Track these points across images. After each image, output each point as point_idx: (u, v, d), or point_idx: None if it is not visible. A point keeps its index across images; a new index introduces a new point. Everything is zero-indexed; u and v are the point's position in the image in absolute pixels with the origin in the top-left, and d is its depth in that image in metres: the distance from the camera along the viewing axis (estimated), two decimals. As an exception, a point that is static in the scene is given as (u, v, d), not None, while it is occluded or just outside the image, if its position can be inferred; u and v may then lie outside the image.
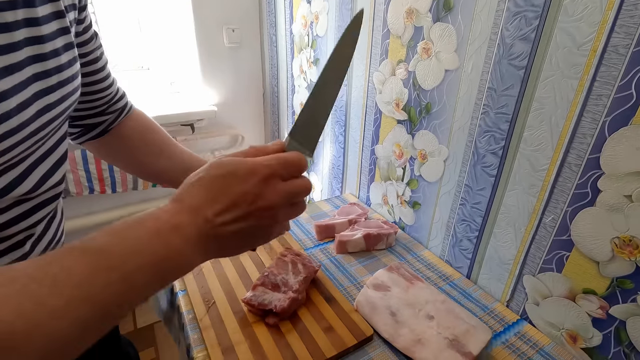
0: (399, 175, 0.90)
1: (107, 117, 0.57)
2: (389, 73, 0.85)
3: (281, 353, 0.55)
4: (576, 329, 0.59)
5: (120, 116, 0.59)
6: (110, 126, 0.58)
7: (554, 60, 0.54)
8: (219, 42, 1.36)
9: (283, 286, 0.63)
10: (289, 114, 1.38)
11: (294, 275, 0.65)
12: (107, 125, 0.58)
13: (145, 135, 0.61)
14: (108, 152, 0.62)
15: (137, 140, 0.60)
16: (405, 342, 0.57)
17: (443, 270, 0.78)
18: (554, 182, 0.57)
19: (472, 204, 0.72)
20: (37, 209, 0.40)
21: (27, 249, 0.40)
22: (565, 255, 0.58)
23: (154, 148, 0.60)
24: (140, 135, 0.60)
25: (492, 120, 0.65)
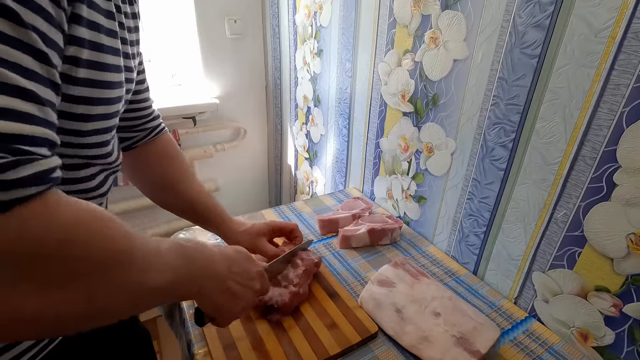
0: (404, 169, 0.88)
1: (137, 133, 0.59)
2: (394, 64, 0.83)
3: (283, 350, 0.54)
4: (587, 327, 0.57)
5: (149, 135, 0.61)
6: (136, 143, 0.60)
7: (569, 49, 0.51)
8: (220, 34, 1.33)
9: (283, 280, 0.61)
10: (291, 106, 1.36)
11: (293, 269, 0.63)
12: (134, 141, 0.60)
13: (163, 163, 0.63)
14: (126, 167, 0.63)
15: (153, 166, 0.62)
16: (411, 339, 0.56)
17: (449, 266, 0.76)
18: (566, 175, 0.55)
19: (480, 199, 0.70)
20: (109, 176, 0.48)
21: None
22: (577, 251, 0.56)
23: (165, 178, 0.63)
24: (159, 161, 0.63)
25: (503, 112, 0.62)
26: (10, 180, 0.23)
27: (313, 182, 1.34)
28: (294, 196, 1.52)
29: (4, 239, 0.23)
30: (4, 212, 0.23)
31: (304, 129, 1.30)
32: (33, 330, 0.27)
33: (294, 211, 0.94)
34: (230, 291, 0.43)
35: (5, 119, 0.24)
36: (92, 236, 0.27)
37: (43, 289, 0.25)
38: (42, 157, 0.25)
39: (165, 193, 0.63)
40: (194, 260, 0.39)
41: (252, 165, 1.64)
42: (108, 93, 0.39)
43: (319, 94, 1.16)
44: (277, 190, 1.66)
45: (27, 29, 0.26)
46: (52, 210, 0.25)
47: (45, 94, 0.27)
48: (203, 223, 0.66)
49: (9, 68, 0.24)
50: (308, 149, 1.31)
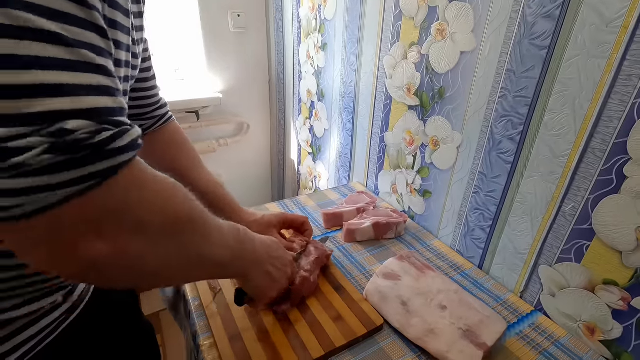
0: (409, 163, 0.87)
1: (145, 122, 0.59)
2: (400, 57, 0.82)
3: (289, 342, 0.54)
4: (594, 321, 0.57)
5: (156, 124, 0.61)
6: (144, 132, 0.60)
7: (579, 39, 0.51)
8: (224, 27, 1.33)
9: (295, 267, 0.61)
10: (295, 101, 1.35)
11: (306, 257, 0.64)
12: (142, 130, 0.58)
13: (171, 151, 0.63)
14: None
15: (161, 154, 0.62)
16: (417, 332, 0.56)
17: (454, 260, 0.76)
18: (575, 168, 0.55)
19: (486, 192, 0.70)
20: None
21: None
22: (585, 244, 0.56)
23: (174, 166, 0.63)
24: (167, 150, 0.63)
25: (510, 104, 0.62)
26: (118, 148, 0.27)
27: (316, 177, 1.33)
28: (297, 191, 1.52)
29: (115, 197, 0.27)
30: (114, 174, 0.27)
31: (308, 124, 1.30)
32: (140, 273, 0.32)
33: (298, 205, 0.94)
34: (270, 275, 0.48)
35: (97, 94, 0.26)
36: (170, 200, 0.32)
37: (139, 237, 0.30)
38: (131, 127, 0.29)
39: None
40: (244, 244, 0.44)
41: (255, 160, 1.64)
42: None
43: (322, 88, 1.16)
44: (280, 185, 1.66)
45: (92, 10, 0.27)
46: (142, 174, 0.30)
47: (111, 66, 0.29)
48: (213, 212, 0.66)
49: (87, 48, 0.26)
50: (311, 144, 1.31)
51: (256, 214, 0.67)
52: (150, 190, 0.30)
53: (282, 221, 0.68)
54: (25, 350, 0.40)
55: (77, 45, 0.26)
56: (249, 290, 0.49)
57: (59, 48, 0.24)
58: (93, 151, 0.25)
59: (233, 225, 0.42)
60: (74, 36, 0.26)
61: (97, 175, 0.26)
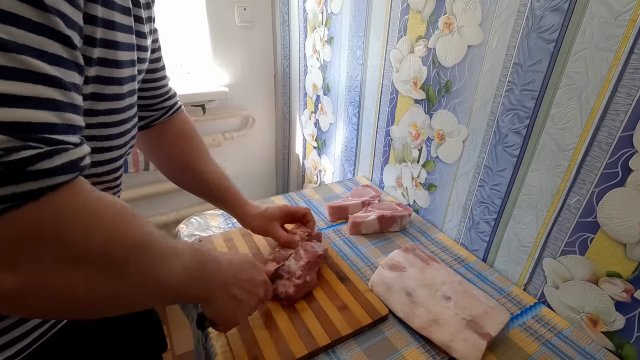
0: (415, 156, 0.88)
1: (154, 113, 0.59)
2: (407, 50, 0.83)
3: (296, 330, 0.55)
4: (597, 313, 0.57)
5: (166, 114, 0.61)
6: (153, 122, 0.60)
7: (587, 32, 0.51)
8: (230, 21, 1.33)
9: (285, 273, 0.60)
10: (300, 95, 1.35)
11: (296, 261, 0.62)
12: (151, 120, 0.60)
13: (180, 143, 0.63)
14: (143, 146, 0.64)
15: (170, 145, 0.63)
16: (422, 322, 0.56)
17: (458, 253, 0.77)
18: (581, 161, 0.55)
19: (492, 186, 0.70)
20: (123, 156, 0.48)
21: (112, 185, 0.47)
22: (589, 237, 0.56)
23: (182, 158, 0.63)
24: (175, 141, 0.63)
25: (517, 98, 0.62)
26: (44, 169, 0.24)
27: (321, 171, 1.34)
28: (301, 185, 1.53)
29: (34, 224, 0.24)
30: (36, 199, 0.23)
31: (313, 118, 1.30)
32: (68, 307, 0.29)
33: (303, 198, 0.95)
34: (236, 298, 0.44)
35: (32, 107, 0.24)
36: (113, 227, 0.28)
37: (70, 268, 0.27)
38: (73, 146, 0.26)
39: (181, 172, 0.64)
40: (206, 265, 0.40)
41: (260, 154, 1.64)
42: (118, 72, 0.38)
43: (328, 82, 1.16)
44: (285, 179, 1.67)
45: (50, 13, 0.25)
46: (79, 198, 0.26)
47: (70, 78, 0.27)
48: (218, 204, 0.67)
49: (33, 55, 0.24)
50: (317, 138, 1.31)
51: (260, 207, 0.67)
52: (92, 217, 0.27)
53: (284, 214, 0.69)
54: (33, 338, 0.40)
55: (16, 50, 0.23)
56: (211, 315, 0.44)
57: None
58: (6, 170, 0.22)
59: (192, 247, 0.39)
60: (15, 39, 0.23)
61: (8, 199, 0.22)
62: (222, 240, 0.74)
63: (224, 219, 0.83)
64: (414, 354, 0.54)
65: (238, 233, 0.76)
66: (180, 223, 0.81)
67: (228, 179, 0.66)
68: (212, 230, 0.79)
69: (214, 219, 0.83)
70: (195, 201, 1.54)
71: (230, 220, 0.83)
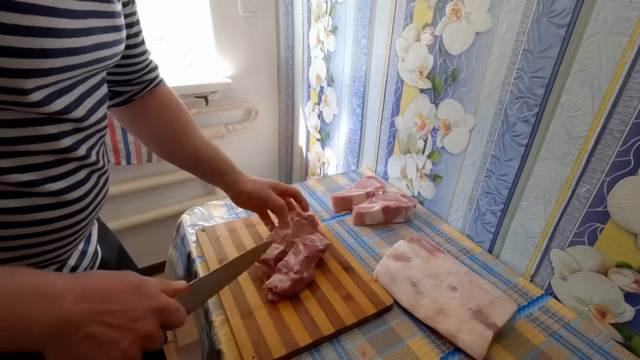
0: (420, 147, 0.87)
1: (133, 87, 0.57)
2: (413, 39, 0.81)
3: (300, 319, 0.55)
4: (606, 304, 0.57)
5: (146, 88, 0.58)
6: (134, 96, 0.58)
7: (601, 16, 0.49)
8: (233, 11, 1.32)
9: (284, 268, 0.59)
10: (304, 86, 1.34)
11: (295, 256, 0.61)
12: (131, 95, 0.58)
13: (164, 114, 0.61)
14: (127, 122, 0.62)
15: (154, 118, 0.60)
16: (427, 312, 0.56)
17: (463, 244, 0.76)
18: (592, 150, 0.54)
19: (499, 176, 0.69)
20: (87, 139, 0.42)
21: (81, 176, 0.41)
22: (599, 227, 0.55)
23: (167, 128, 0.61)
24: (159, 114, 0.60)
25: (526, 85, 0.61)
26: None
27: (324, 163, 1.33)
28: (304, 177, 1.52)
29: None
30: None
31: (316, 109, 1.29)
32: None
33: (307, 189, 0.94)
34: (94, 339, 0.32)
35: None
36: None
37: None
38: None
39: (170, 145, 0.62)
40: (21, 297, 0.29)
41: (262, 146, 1.64)
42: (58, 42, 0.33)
43: (332, 73, 1.14)
44: (288, 171, 1.66)
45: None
46: None
47: None
48: (210, 174, 0.65)
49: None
50: (320, 130, 1.30)
51: (253, 177, 0.67)
52: None
53: (277, 187, 0.68)
54: None
55: None
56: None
57: None
58: None
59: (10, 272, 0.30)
60: None
61: None
62: (225, 230, 0.73)
63: (227, 210, 0.83)
64: (419, 343, 0.54)
65: (241, 223, 0.76)
66: (184, 213, 0.81)
67: (218, 149, 0.65)
68: (215, 220, 0.79)
69: (217, 209, 0.83)
70: (198, 193, 1.54)
71: (233, 211, 0.82)
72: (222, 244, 0.69)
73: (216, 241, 0.70)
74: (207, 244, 0.70)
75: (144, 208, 1.41)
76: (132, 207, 1.38)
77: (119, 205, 1.35)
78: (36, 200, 0.37)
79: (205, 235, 0.72)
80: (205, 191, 1.55)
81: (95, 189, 0.44)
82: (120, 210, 1.36)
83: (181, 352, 1.31)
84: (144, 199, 1.40)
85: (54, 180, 0.38)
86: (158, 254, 1.46)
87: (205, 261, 0.66)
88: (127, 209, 1.37)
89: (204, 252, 0.68)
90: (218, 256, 0.66)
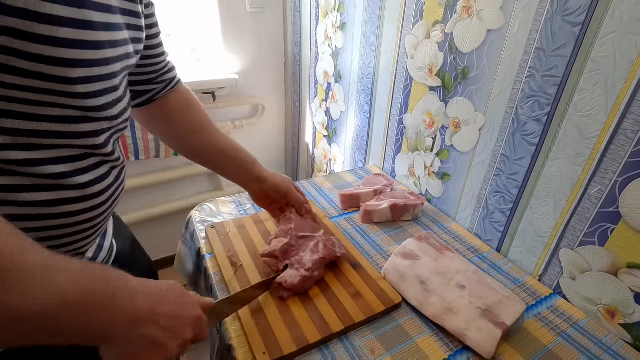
0: (429, 145, 0.87)
1: (155, 86, 0.59)
2: (422, 36, 0.81)
3: (310, 316, 0.55)
4: (615, 305, 0.56)
5: (167, 88, 0.60)
6: (155, 96, 0.60)
7: (617, 14, 0.49)
8: (240, 7, 1.31)
9: (297, 263, 0.60)
10: (311, 83, 1.34)
11: (311, 253, 0.62)
12: (153, 94, 0.60)
13: (186, 111, 0.63)
14: (149, 122, 0.64)
15: (176, 115, 0.62)
16: (435, 310, 0.56)
17: (471, 243, 0.76)
18: (604, 150, 0.54)
19: (508, 175, 0.69)
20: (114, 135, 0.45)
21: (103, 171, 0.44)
22: (610, 228, 0.55)
23: (190, 125, 0.63)
24: (181, 111, 0.62)
25: (538, 84, 0.60)
26: None
27: (331, 160, 1.33)
28: (311, 174, 1.52)
29: None
30: None
31: (324, 106, 1.29)
32: None
33: (315, 186, 0.94)
34: (150, 340, 0.34)
35: None
36: None
37: None
38: None
39: (194, 138, 0.63)
40: (99, 289, 0.30)
41: (269, 142, 1.64)
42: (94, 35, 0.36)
43: (340, 70, 1.14)
44: (295, 168, 1.67)
45: None
46: None
47: None
48: (234, 168, 0.66)
49: None
50: (327, 126, 1.30)
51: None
52: None
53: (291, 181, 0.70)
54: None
55: None
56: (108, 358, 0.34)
57: None
58: None
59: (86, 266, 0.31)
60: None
61: None
62: (235, 227, 0.74)
63: (236, 206, 0.83)
64: (428, 341, 0.54)
65: (250, 220, 0.76)
66: (193, 209, 0.82)
67: (238, 143, 0.67)
68: (224, 216, 0.79)
69: (226, 206, 0.83)
70: (205, 188, 1.55)
71: (242, 207, 0.83)
72: (232, 241, 0.70)
73: (225, 237, 0.71)
74: (217, 240, 0.70)
75: (152, 203, 1.42)
76: (141, 202, 1.40)
77: (127, 200, 1.36)
78: (64, 193, 0.38)
79: (215, 232, 0.72)
80: (212, 187, 1.56)
81: (116, 183, 0.46)
82: (128, 205, 1.37)
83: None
84: (152, 194, 1.41)
85: (81, 173, 0.40)
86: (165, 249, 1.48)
87: (215, 257, 0.67)
88: (135, 204, 1.39)
89: (213, 249, 0.68)
90: (227, 253, 0.67)
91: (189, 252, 0.78)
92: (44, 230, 0.38)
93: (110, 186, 0.44)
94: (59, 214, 0.39)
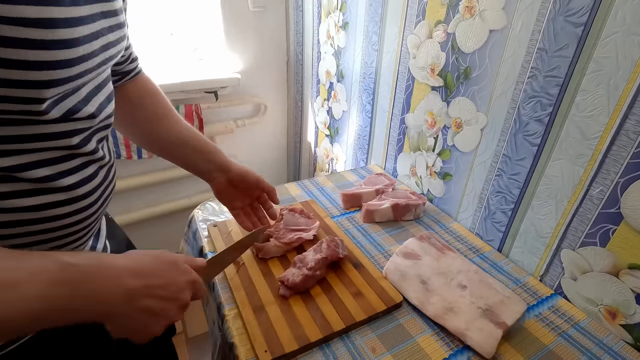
0: (430, 145, 0.87)
1: (116, 77, 0.56)
2: (425, 36, 0.81)
3: (311, 315, 0.56)
4: (617, 305, 0.57)
5: (124, 78, 0.57)
6: (115, 84, 0.56)
7: (619, 15, 0.49)
8: (243, 6, 1.31)
9: (299, 262, 0.61)
10: (313, 82, 1.34)
11: (314, 253, 0.62)
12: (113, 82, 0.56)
13: (144, 100, 0.60)
14: None
15: (134, 104, 0.59)
16: (436, 309, 0.56)
17: (473, 243, 0.76)
18: (606, 150, 0.54)
19: (510, 175, 0.69)
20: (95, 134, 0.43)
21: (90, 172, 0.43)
22: (611, 229, 0.55)
23: (150, 114, 0.60)
24: (139, 100, 0.59)
25: (540, 85, 0.60)
26: None
27: (333, 160, 1.33)
28: (312, 173, 1.53)
29: None
30: None
31: (326, 105, 1.29)
32: None
33: (316, 185, 0.94)
34: (149, 310, 0.36)
35: None
36: None
37: None
38: None
39: (152, 128, 0.60)
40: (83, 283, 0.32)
41: (271, 142, 1.64)
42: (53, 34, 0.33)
43: (342, 69, 1.14)
44: (296, 167, 1.67)
45: None
46: None
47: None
48: (196, 157, 0.63)
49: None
50: (329, 126, 1.30)
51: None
52: None
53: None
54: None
55: None
56: (115, 333, 0.37)
57: None
58: None
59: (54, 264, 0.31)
60: None
61: None
62: (236, 226, 0.74)
63: (238, 205, 0.83)
64: (428, 341, 0.54)
65: (252, 219, 0.76)
66: (195, 208, 0.82)
67: (200, 133, 0.64)
68: (226, 215, 0.80)
69: (228, 205, 0.83)
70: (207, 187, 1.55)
71: (244, 206, 0.83)
72: (234, 239, 0.70)
73: (227, 236, 0.71)
74: (219, 238, 0.71)
75: (155, 201, 1.43)
76: (143, 201, 1.40)
77: (130, 198, 1.37)
78: (50, 197, 0.38)
79: (217, 231, 0.73)
80: (214, 185, 1.56)
81: (104, 183, 0.45)
82: (131, 203, 1.38)
83: (190, 343, 1.34)
84: (155, 193, 1.42)
85: (66, 175, 0.39)
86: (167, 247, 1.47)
87: (217, 256, 0.67)
88: (138, 203, 1.39)
89: (215, 247, 0.69)
90: (230, 251, 0.67)
91: (191, 251, 0.79)
92: (33, 234, 0.38)
93: (98, 187, 0.43)
94: (47, 218, 0.38)
